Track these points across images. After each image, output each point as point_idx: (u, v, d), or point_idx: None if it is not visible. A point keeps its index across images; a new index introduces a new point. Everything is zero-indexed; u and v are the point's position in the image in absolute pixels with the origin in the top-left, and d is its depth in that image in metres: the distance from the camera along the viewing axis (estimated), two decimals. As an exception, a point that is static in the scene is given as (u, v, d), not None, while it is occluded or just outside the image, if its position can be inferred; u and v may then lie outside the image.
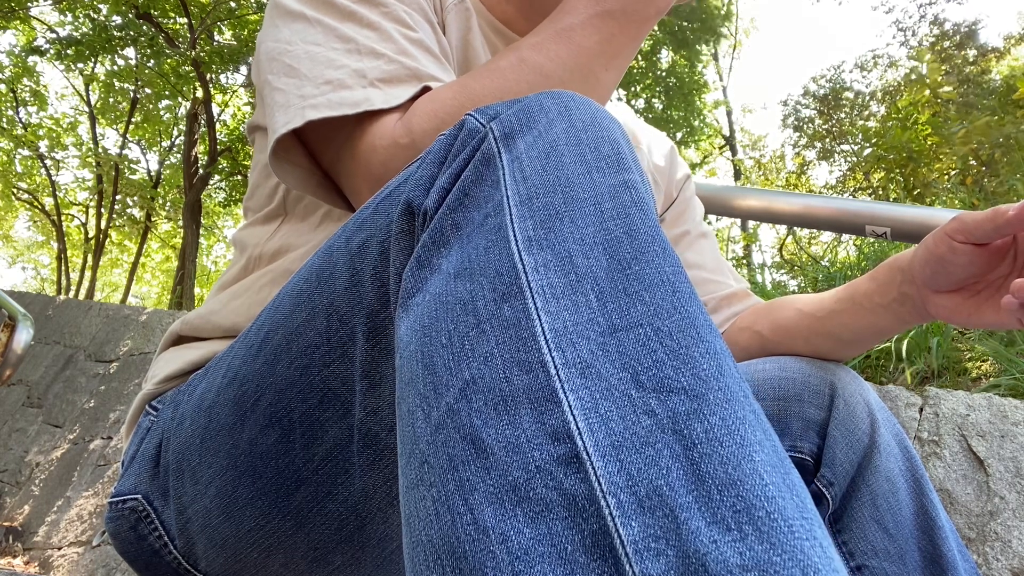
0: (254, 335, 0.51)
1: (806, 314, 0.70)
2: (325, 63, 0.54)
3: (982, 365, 1.95)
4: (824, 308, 0.68)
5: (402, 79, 0.54)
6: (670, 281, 0.31)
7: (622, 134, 0.38)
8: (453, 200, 0.36)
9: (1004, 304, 0.51)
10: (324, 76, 0.53)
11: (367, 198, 0.52)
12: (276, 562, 0.52)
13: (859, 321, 0.65)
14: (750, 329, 0.74)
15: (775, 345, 0.72)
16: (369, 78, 0.53)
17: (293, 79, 0.54)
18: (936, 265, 0.57)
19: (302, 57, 0.54)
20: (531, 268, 0.31)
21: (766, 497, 0.24)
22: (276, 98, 0.54)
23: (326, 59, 0.54)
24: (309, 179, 0.59)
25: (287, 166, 0.57)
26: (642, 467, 0.25)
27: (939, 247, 0.56)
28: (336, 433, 0.46)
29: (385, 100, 0.53)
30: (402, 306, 0.36)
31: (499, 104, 0.40)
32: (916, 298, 0.60)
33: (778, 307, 0.74)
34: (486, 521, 0.26)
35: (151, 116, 11.10)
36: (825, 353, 0.69)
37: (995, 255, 0.55)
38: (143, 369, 3.14)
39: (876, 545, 0.59)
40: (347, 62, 0.54)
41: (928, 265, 0.57)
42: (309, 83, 0.53)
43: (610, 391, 0.27)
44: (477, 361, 0.30)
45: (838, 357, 0.69)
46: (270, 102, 0.55)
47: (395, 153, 0.52)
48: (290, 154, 0.57)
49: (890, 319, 0.64)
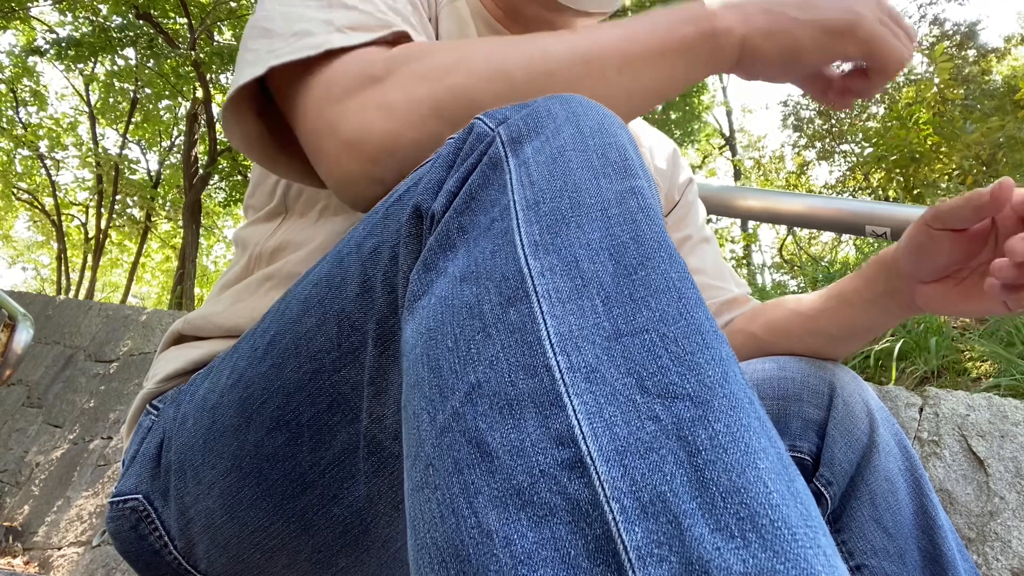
0: (260, 337, 0.51)
1: (798, 313, 0.70)
2: (296, 18, 0.52)
3: (982, 365, 1.95)
4: (815, 307, 0.68)
5: (370, 27, 0.52)
6: (676, 287, 0.31)
7: (629, 140, 0.38)
8: (460, 204, 0.36)
9: (987, 287, 0.51)
10: (292, 29, 0.52)
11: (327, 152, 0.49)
12: (278, 564, 0.52)
13: (849, 317, 0.65)
14: (744, 331, 0.75)
15: (770, 345, 0.72)
16: (336, 25, 0.51)
17: (265, 39, 0.52)
18: (918, 254, 0.57)
19: (276, 18, 0.53)
20: (537, 272, 0.31)
21: (770, 505, 0.24)
22: (247, 58, 0.53)
23: (297, 15, 0.53)
24: (254, 144, 0.56)
25: (236, 127, 0.54)
26: (646, 472, 0.25)
27: (919, 236, 0.57)
28: (344, 438, 0.46)
29: (346, 40, 0.50)
30: (408, 309, 0.36)
31: (508, 108, 0.40)
32: (903, 291, 0.61)
33: (771, 308, 0.74)
34: (490, 524, 0.26)
35: (151, 116, 11.10)
36: (819, 351, 0.69)
37: (974, 241, 0.55)
38: (143, 369, 3.14)
39: (875, 545, 0.59)
40: (316, 15, 0.52)
41: (911, 255, 0.58)
42: (279, 38, 0.52)
43: (615, 396, 0.27)
44: (483, 365, 0.30)
45: (832, 355, 0.69)
46: (243, 62, 0.53)
47: (361, 86, 0.48)
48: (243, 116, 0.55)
49: (879, 314, 0.64)
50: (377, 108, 0.47)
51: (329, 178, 0.50)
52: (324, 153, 0.49)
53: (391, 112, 0.47)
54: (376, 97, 0.47)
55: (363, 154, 0.47)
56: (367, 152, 0.47)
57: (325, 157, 0.49)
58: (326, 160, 0.49)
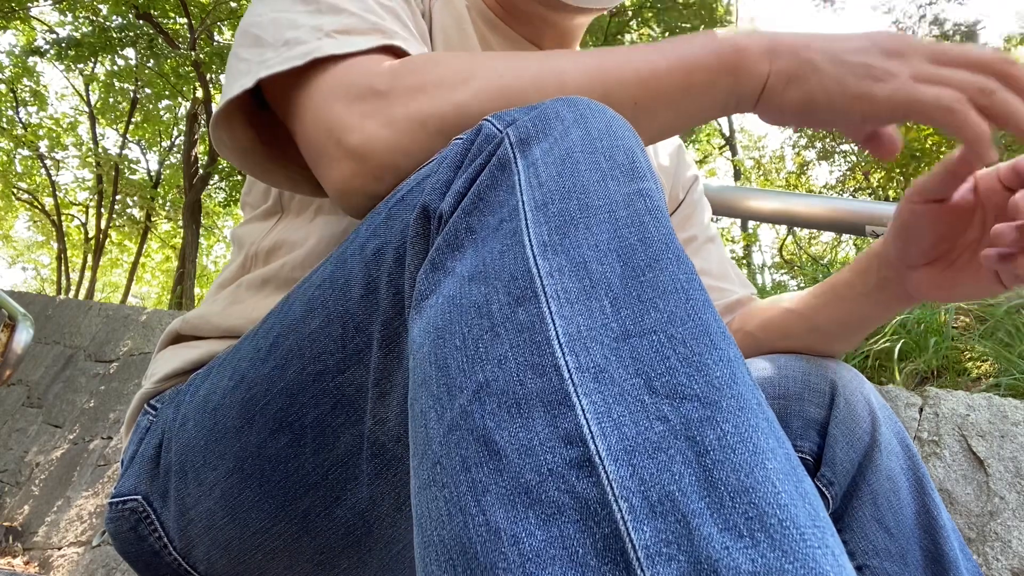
0: (263, 339, 0.50)
1: (792, 311, 0.70)
2: (286, 25, 0.51)
3: (982, 365, 1.95)
4: (809, 303, 0.68)
5: (361, 31, 0.50)
6: (684, 288, 0.31)
7: (637, 142, 0.38)
8: (468, 204, 0.36)
9: (983, 258, 0.49)
10: (283, 37, 0.51)
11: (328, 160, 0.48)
12: (280, 565, 0.52)
13: (843, 312, 0.65)
14: (741, 331, 0.74)
15: (767, 344, 0.71)
16: (325, 30, 0.50)
17: (257, 48, 0.51)
18: (905, 235, 0.56)
19: (267, 25, 0.52)
20: (546, 273, 0.31)
21: (778, 505, 0.24)
22: (240, 68, 0.52)
23: (288, 21, 0.52)
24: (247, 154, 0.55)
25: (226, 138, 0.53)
26: (654, 472, 0.25)
27: (903, 215, 0.56)
28: (348, 440, 0.46)
29: (336, 47, 0.49)
30: (415, 308, 0.36)
31: (516, 110, 0.39)
32: (895, 280, 0.60)
33: (767, 307, 0.74)
34: (498, 523, 0.26)
35: (151, 116, 11.10)
36: (815, 348, 0.69)
37: (959, 217, 0.54)
38: (143, 369, 3.13)
39: (877, 544, 0.58)
40: (306, 21, 0.51)
41: (898, 238, 0.57)
42: (270, 48, 0.51)
43: (623, 396, 0.27)
44: (491, 364, 0.30)
45: (829, 351, 0.69)
46: (235, 71, 0.52)
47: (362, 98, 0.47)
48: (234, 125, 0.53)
49: (872, 307, 0.63)
50: (380, 122, 0.46)
51: (328, 185, 0.49)
52: (325, 161, 0.48)
53: (394, 127, 0.45)
54: (380, 111, 0.46)
55: (365, 166, 0.46)
56: (369, 164, 0.46)
57: (326, 166, 0.48)
58: (326, 169, 0.48)
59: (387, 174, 0.46)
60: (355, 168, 0.46)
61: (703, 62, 0.47)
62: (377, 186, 0.47)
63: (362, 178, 0.47)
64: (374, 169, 0.46)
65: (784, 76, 0.46)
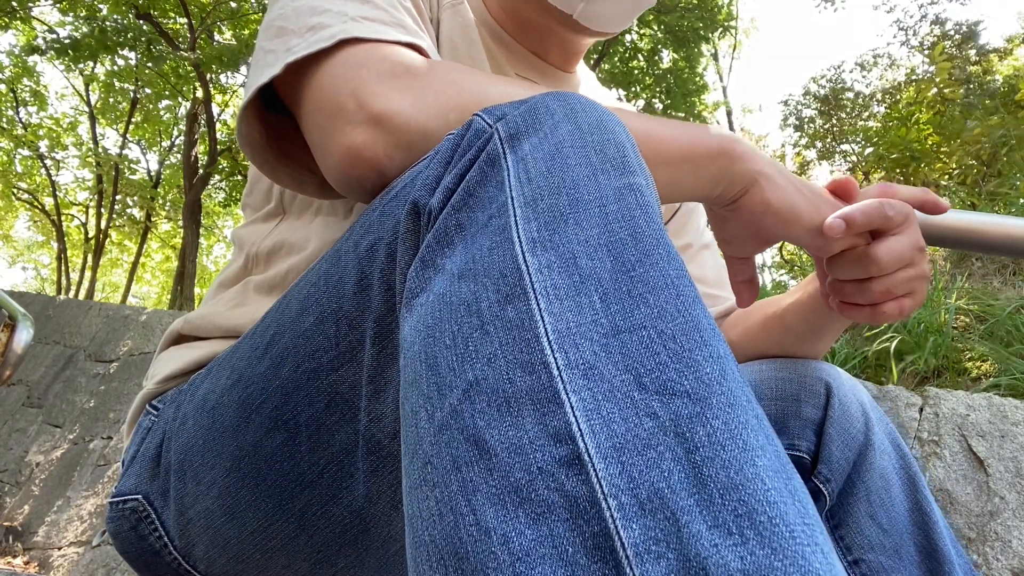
0: (260, 337, 0.50)
1: (768, 315, 0.70)
2: (308, 12, 0.51)
3: (982, 365, 1.95)
4: (781, 305, 0.69)
5: (387, 22, 0.50)
6: (674, 284, 0.31)
7: (628, 137, 0.38)
8: (457, 200, 0.36)
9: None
10: (308, 24, 0.50)
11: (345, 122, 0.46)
12: (278, 564, 0.52)
13: (809, 314, 0.66)
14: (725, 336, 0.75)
15: (750, 350, 0.72)
16: (351, 15, 0.50)
17: (281, 38, 0.51)
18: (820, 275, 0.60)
19: (290, 15, 0.52)
20: (535, 269, 0.31)
21: (768, 502, 0.24)
22: (266, 59, 0.51)
23: (309, 8, 0.51)
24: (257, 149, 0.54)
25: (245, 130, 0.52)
26: (643, 469, 0.25)
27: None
28: (343, 438, 0.45)
29: (363, 31, 0.48)
30: (406, 306, 0.36)
31: (506, 105, 0.39)
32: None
33: (750, 313, 0.75)
34: (488, 522, 0.26)
35: (151, 116, 11.12)
36: (790, 350, 0.69)
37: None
38: (143, 369, 3.14)
39: (872, 539, 0.60)
40: (330, 6, 0.51)
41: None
42: (295, 35, 0.50)
43: (612, 393, 0.27)
44: (480, 362, 0.30)
45: (803, 353, 0.69)
46: (260, 63, 0.51)
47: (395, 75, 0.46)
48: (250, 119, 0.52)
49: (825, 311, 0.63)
50: (410, 98, 0.45)
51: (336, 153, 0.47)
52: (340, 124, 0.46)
53: (423, 104, 0.45)
54: (412, 88, 0.46)
55: (383, 136, 0.45)
56: (388, 135, 0.45)
57: (339, 129, 0.46)
58: (339, 133, 0.46)
59: (400, 151, 0.45)
60: (372, 135, 0.45)
61: (704, 140, 0.50)
62: (386, 162, 0.45)
63: (374, 149, 0.45)
64: (391, 141, 0.45)
65: (766, 177, 0.51)
